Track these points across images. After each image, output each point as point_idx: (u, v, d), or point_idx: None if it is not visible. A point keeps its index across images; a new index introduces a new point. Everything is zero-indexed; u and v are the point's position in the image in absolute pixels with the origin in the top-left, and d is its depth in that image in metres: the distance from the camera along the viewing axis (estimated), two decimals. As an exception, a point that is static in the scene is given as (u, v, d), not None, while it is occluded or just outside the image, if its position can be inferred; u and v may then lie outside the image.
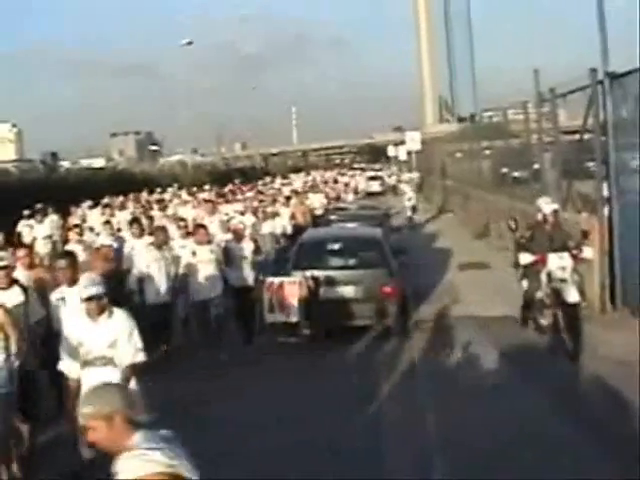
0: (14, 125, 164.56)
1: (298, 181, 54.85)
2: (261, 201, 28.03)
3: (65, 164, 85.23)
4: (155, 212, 25.15)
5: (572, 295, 13.30)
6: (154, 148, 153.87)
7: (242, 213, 22.38)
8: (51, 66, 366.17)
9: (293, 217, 26.24)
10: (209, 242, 15.69)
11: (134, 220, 18.12)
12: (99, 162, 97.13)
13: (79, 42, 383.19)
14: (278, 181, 52.46)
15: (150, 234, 16.28)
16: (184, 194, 37.49)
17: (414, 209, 40.95)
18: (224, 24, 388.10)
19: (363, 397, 12.08)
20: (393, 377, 13.26)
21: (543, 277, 13.93)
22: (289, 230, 24.34)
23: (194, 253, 15.17)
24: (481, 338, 15.05)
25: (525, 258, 14.23)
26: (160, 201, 31.15)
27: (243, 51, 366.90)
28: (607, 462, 8.88)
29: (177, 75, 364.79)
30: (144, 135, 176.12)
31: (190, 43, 75.50)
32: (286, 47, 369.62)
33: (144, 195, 35.71)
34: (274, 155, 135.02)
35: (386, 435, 10.50)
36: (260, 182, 51.00)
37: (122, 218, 23.08)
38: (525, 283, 14.69)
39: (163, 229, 16.26)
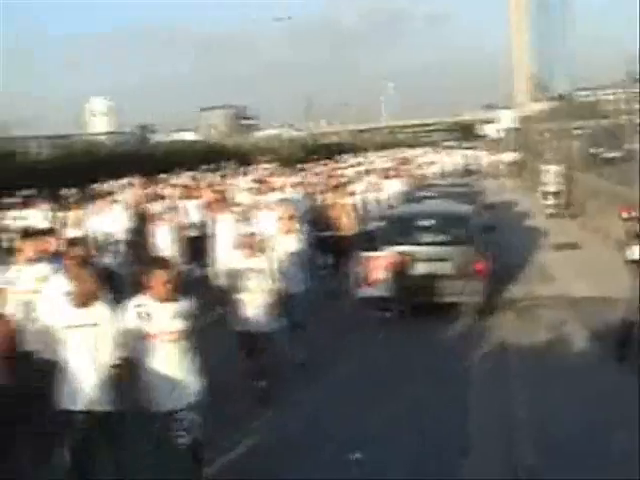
0: (107, 98, 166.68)
1: (378, 161, 51.94)
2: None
3: (157, 137, 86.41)
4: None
5: None
6: (247, 122, 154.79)
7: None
8: (145, 40, 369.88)
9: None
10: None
11: None
12: (191, 135, 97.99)
13: (173, 16, 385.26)
14: (353, 160, 50.63)
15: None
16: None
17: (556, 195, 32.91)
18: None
19: (452, 374, 12.18)
20: (480, 355, 13.29)
21: None
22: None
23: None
24: (573, 318, 14.93)
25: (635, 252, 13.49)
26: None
27: (338, 26, 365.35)
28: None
29: (271, 49, 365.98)
30: (235, 109, 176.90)
31: (284, 18, 75.61)
32: (381, 23, 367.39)
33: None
34: (363, 132, 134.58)
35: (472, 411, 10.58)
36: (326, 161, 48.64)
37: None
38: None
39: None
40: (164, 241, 16.68)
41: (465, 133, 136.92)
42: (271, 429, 10.15)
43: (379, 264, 15.53)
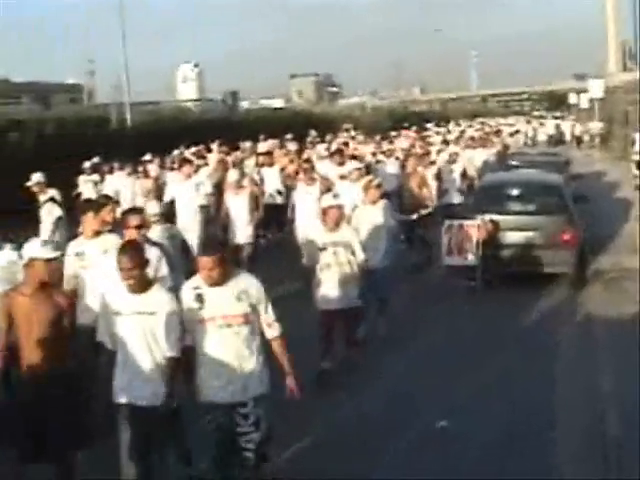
0: (196, 65, 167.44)
1: (468, 130, 50.20)
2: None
3: (245, 104, 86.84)
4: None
5: None
6: (333, 90, 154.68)
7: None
8: (233, 6, 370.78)
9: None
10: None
11: None
12: (278, 103, 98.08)
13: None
14: (442, 129, 49.59)
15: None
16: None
17: None
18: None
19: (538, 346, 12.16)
20: (568, 327, 13.21)
21: None
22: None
23: None
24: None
25: None
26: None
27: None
28: None
29: (359, 16, 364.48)
30: (323, 77, 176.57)
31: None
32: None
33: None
34: (452, 100, 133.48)
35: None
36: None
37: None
38: None
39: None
40: (239, 210, 15.74)
41: (555, 102, 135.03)
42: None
43: (467, 233, 15.49)
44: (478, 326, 13.24)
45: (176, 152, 24.06)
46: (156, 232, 10.47)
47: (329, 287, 10.91)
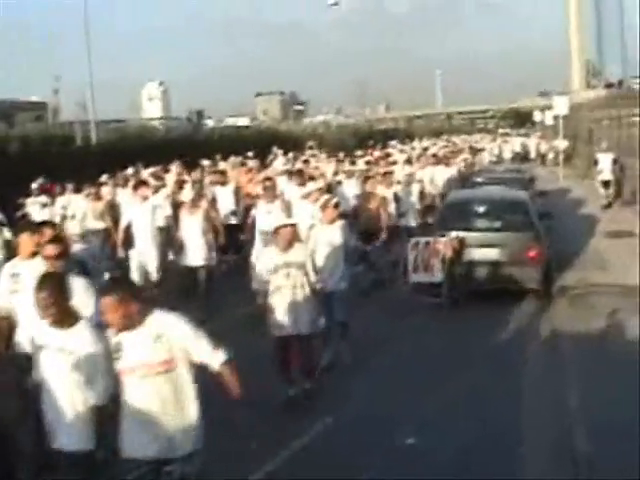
0: (161, 83, 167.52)
1: (432, 147, 49.31)
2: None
3: (210, 122, 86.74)
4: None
5: None
6: (299, 108, 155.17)
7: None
8: (198, 26, 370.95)
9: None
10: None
11: None
12: (244, 121, 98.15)
13: (226, 1, 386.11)
14: (407, 146, 49.46)
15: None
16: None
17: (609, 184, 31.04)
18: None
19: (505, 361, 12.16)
20: (534, 343, 13.23)
21: None
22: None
23: None
24: (627, 306, 14.77)
25: None
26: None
27: (390, 12, 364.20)
28: None
29: (323, 35, 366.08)
30: (289, 95, 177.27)
31: (336, 4, 75.80)
32: (434, 9, 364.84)
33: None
34: (418, 117, 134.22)
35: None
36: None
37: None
38: None
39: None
40: (193, 230, 15.08)
41: (520, 120, 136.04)
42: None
43: (434, 249, 15.50)
44: (445, 343, 13.23)
45: (130, 170, 23.48)
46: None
47: (281, 312, 10.28)
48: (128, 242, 15.72)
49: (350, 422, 9.97)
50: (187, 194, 16.47)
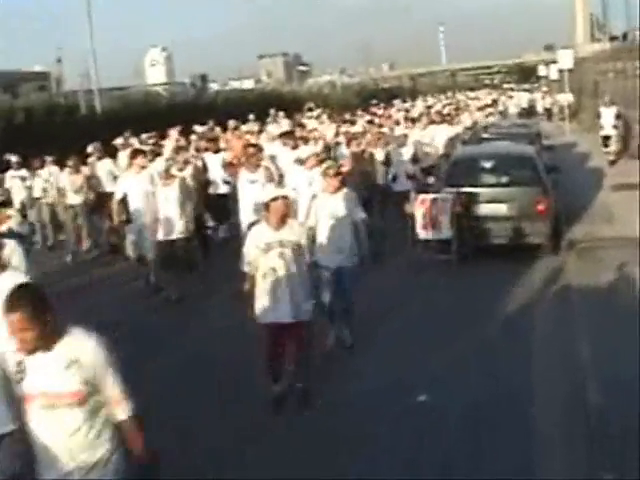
0: (164, 48, 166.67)
1: (437, 104, 48.44)
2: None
3: (214, 86, 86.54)
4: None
5: None
6: (303, 69, 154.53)
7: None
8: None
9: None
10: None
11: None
12: (248, 83, 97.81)
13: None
14: (409, 104, 48.98)
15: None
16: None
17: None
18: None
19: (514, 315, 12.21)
20: (544, 298, 13.26)
21: None
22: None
23: None
24: (635, 259, 14.74)
25: None
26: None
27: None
28: None
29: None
30: (292, 56, 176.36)
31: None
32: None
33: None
34: (422, 75, 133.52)
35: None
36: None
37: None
38: None
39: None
40: (170, 202, 14.09)
41: (526, 74, 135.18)
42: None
43: (441, 206, 15.48)
44: (455, 299, 13.27)
45: (119, 140, 22.04)
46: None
47: (275, 297, 8.97)
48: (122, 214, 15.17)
49: (363, 375, 10.07)
50: (159, 163, 15.60)
